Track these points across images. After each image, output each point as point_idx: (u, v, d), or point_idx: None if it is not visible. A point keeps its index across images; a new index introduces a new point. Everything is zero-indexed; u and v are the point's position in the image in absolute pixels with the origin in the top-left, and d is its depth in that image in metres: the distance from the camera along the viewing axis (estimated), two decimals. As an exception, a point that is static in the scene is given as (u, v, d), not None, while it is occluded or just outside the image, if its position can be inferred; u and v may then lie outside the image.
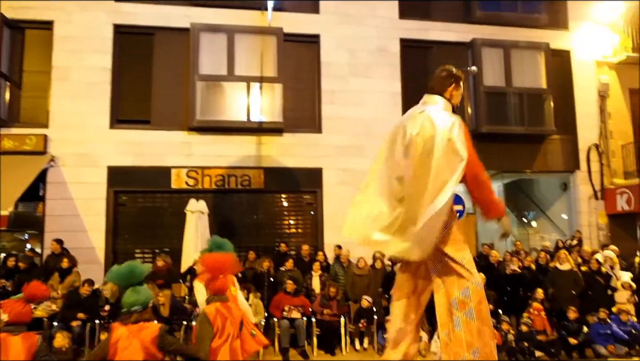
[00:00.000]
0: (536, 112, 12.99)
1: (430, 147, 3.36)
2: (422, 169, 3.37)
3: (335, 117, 12.17)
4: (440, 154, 3.33)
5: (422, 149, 3.41)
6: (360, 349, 9.24)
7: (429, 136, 3.40)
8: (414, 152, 3.45)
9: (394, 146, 3.67)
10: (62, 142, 11.14)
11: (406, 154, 3.50)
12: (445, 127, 3.41)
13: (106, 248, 11.01)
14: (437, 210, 3.29)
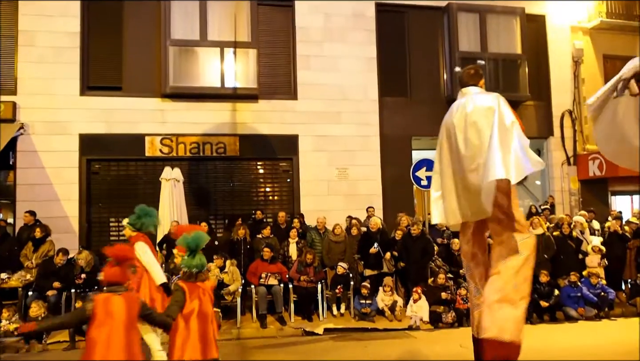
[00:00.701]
0: (511, 78, 13.05)
1: (487, 122, 3.98)
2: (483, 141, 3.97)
3: (311, 83, 12.04)
4: (497, 124, 3.93)
5: (479, 126, 4.02)
6: (338, 314, 9.40)
7: (482, 112, 4.05)
8: (473, 135, 4.06)
9: (450, 141, 4.28)
10: (32, 110, 10.85)
11: (466, 137, 4.09)
12: (492, 102, 4.08)
13: (80, 217, 10.89)
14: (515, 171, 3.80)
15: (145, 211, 6.33)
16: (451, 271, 9.84)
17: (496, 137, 3.85)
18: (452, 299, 9.11)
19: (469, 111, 4.09)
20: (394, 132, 12.45)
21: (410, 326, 8.87)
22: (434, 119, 12.61)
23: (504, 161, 3.75)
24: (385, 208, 11.96)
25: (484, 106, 4.07)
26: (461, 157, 4.12)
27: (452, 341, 7.93)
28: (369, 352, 7.54)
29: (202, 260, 4.46)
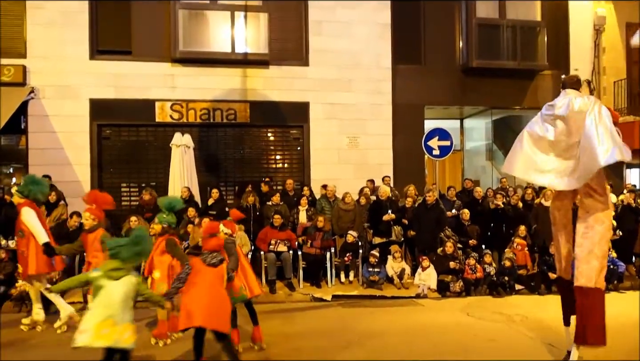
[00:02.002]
0: (529, 46, 12.71)
1: (584, 115, 4.98)
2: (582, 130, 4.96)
3: (323, 49, 11.83)
4: (597, 117, 4.91)
5: (581, 118, 4.99)
6: (346, 282, 9.47)
7: (584, 109, 5.02)
8: (574, 123, 5.06)
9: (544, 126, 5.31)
10: (42, 74, 10.83)
11: (568, 125, 5.11)
12: (590, 102, 5.07)
13: (92, 181, 10.97)
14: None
15: (33, 180, 6.92)
16: (460, 241, 9.81)
17: (596, 129, 4.82)
18: (461, 268, 9.11)
19: (572, 108, 5.07)
20: (407, 101, 12.25)
21: (417, 295, 8.91)
22: (448, 87, 12.68)
23: (607, 147, 4.73)
24: (396, 177, 11.87)
25: (583, 104, 5.07)
26: (562, 142, 5.17)
27: (459, 310, 7.98)
28: (376, 319, 7.61)
29: (173, 218, 6.19)
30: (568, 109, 5.10)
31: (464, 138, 14.94)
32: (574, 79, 5.51)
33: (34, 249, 6.62)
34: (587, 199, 5.22)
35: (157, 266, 6.19)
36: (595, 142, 4.78)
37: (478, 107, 13.61)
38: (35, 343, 6.37)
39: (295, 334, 6.72)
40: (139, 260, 4.73)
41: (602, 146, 4.74)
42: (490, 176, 14.37)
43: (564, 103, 5.19)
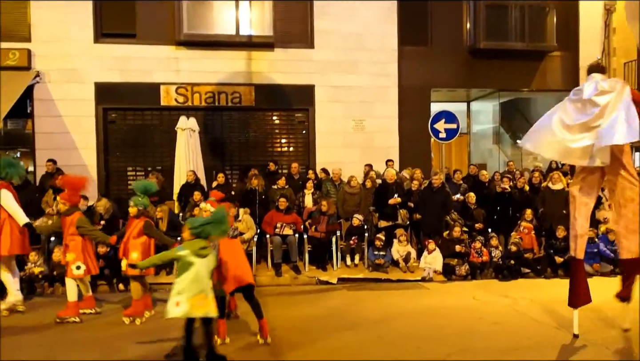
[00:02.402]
0: (537, 27, 12.52)
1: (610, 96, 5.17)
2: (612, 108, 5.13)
3: (328, 31, 11.72)
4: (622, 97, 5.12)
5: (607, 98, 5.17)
6: (351, 265, 9.49)
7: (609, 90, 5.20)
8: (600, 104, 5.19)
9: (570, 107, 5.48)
10: (46, 58, 10.83)
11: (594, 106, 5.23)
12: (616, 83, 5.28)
13: (98, 165, 11.03)
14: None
15: (10, 163, 7.06)
16: (466, 225, 9.78)
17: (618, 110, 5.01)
18: (467, 252, 9.10)
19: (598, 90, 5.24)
20: (413, 83, 12.15)
21: (423, 278, 8.93)
22: (455, 70, 12.55)
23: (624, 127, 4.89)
24: (402, 160, 11.84)
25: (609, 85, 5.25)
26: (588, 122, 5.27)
27: (465, 294, 7.99)
28: (381, 302, 7.64)
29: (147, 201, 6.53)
30: (595, 91, 5.27)
31: (471, 121, 14.82)
32: (599, 64, 5.82)
33: (8, 230, 6.68)
34: (616, 177, 5.41)
35: (134, 247, 6.38)
36: (616, 120, 4.98)
37: (485, 89, 13.48)
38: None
39: (301, 316, 6.77)
40: (224, 236, 5.24)
41: (620, 125, 4.92)
42: (497, 159, 14.29)
43: (590, 86, 5.36)
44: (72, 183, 6.80)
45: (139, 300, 6.49)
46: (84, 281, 6.74)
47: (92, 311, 6.77)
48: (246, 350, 5.44)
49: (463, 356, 5.23)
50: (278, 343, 5.61)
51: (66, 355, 5.32)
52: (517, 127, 15.52)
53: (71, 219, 6.51)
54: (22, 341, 5.77)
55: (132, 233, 6.42)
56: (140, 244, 6.40)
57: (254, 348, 5.48)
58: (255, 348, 5.49)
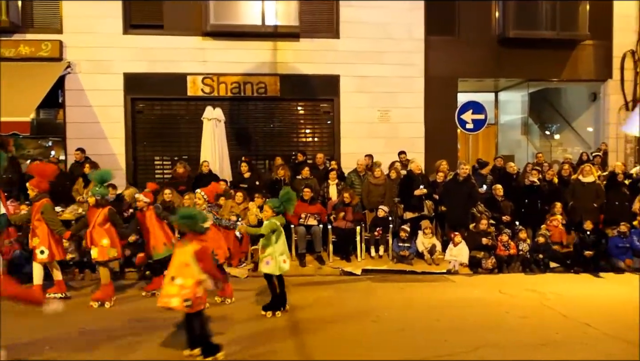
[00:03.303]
0: (569, 15, 12.15)
1: None
2: None
3: (354, 21, 11.62)
4: None
5: None
6: (376, 256, 9.46)
7: None
8: None
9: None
10: (77, 49, 11.03)
11: None
12: None
13: (126, 154, 11.22)
14: None
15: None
16: (493, 217, 9.65)
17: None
18: (493, 245, 8.98)
19: None
20: (439, 74, 11.97)
21: (448, 270, 8.86)
22: (482, 59, 12.33)
23: None
24: (428, 151, 11.73)
25: None
26: None
27: (492, 287, 7.90)
28: (406, 293, 7.61)
29: (105, 190, 6.74)
30: None
31: (499, 112, 14.56)
32: None
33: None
34: None
35: (102, 234, 6.61)
36: None
37: (514, 79, 13.20)
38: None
39: (324, 306, 6.79)
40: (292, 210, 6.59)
41: None
42: (526, 151, 14.02)
43: None
44: (41, 170, 7.11)
45: (108, 285, 6.77)
46: (54, 265, 6.99)
47: (62, 296, 6.96)
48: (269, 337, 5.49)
49: (490, 349, 5.18)
50: (301, 333, 5.65)
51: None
52: (547, 118, 15.22)
53: (39, 205, 6.76)
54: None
55: (98, 221, 6.62)
56: (106, 231, 6.64)
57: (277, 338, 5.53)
58: (278, 338, 5.54)
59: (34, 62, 10.73)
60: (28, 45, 10.84)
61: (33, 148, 13.19)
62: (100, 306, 6.62)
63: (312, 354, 5.08)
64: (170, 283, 4.67)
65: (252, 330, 5.67)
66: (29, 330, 5.54)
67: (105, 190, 6.80)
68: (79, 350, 5.11)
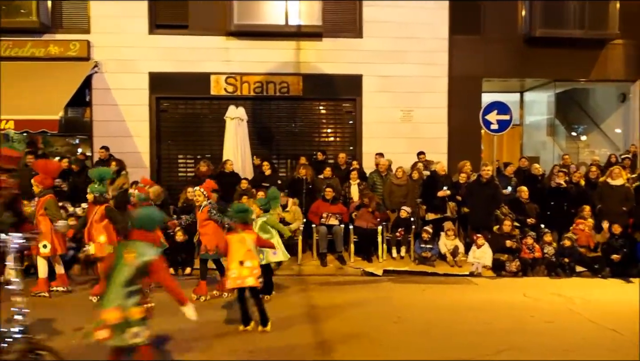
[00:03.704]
0: (599, 13, 11.87)
1: None
2: None
3: (377, 20, 11.54)
4: None
5: None
6: (397, 257, 9.39)
7: None
8: None
9: None
10: (104, 48, 11.22)
11: None
12: None
13: (150, 153, 11.36)
14: None
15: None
16: (518, 219, 9.48)
17: None
18: (518, 248, 8.83)
19: None
20: (464, 73, 11.82)
21: (471, 273, 8.74)
22: (508, 59, 12.15)
23: None
24: (451, 152, 11.59)
25: None
26: None
27: (516, 290, 7.77)
28: (428, 295, 7.54)
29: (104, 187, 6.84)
30: None
31: (524, 112, 14.32)
32: None
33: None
34: None
35: (99, 231, 6.76)
36: None
37: (540, 79, 12.97)
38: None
39: (346, 307, 6.75)
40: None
41: None
42: (551, 152, 13.75)
43: None
44: (45, 167, 7.29)
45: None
46: (57, 259, 7.18)
47: (64, 289, 7.18)
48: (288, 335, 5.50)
49: (514, 354, 5.09)
50: (323, 333, 5.64)
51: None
52: (574, 119, 14.90)
53: (42, 200, 6.94)
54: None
55: (95, 218, 6.75)
56: (104, 228, 6.77)
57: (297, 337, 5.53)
58: (298, 336, 5.54)
59: (63, 62, 10.96)
60: (57, 45, 11.08)
61: (60, 146, 13.47)
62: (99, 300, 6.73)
63: (333, 353, 5.07)
64: (241, 267, 5.43)
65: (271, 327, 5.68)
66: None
67: (104, 187, 6.93)
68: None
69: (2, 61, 10.73)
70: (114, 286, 3.73)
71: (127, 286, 3.72)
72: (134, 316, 3.72)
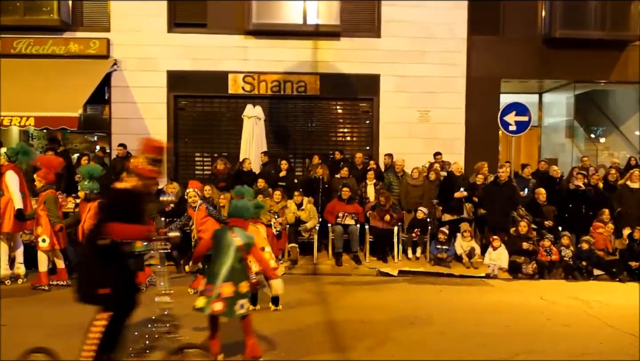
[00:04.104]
0: (620, 15, 11.71)
1: None
2: None
3: (395, 20, 11.52)
4: None
5: None
6: (413, 258, 9.37)
7: None
8: None
9: None
10: (123, 46, 11.35)
11: None
12: None
13: (168, 150, 11.43)
14: None
15: (25, 150, 7.71)
16: (535, 221, 9.40)
17: None
18: (534, 250, 8.76)
19: None
20: (482, 74, 11.74)
21: (487, 275, 8.69)
22: (527, 59, 12.05)
23: None
24: (468, 153, 11.54)
25: None
26: None
27: (532, 293, 7.71)
28: (443, 296, 7.52)
29: (95, 185, 6.89)
30: None
31: (542, 114, 14.17)
32: None
33: (11, 210, 7.26)
34: None
35: None
36: None
37: (559, 80, 12.83)
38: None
39: (361, 307, 6.77)
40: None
41: None
42: (570, 154, 13.58)
43: None
44: (48, 163, 7.42)
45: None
46: (56, 253, 7.33)
47: (64, 283, 7.30)
48: (304, 335, 5.52)
49: (531, 357, 5.06)
50: (337, 332, 5.66)
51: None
52: (593, 121, 14.71)
53: (44, 195, 7.09)
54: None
55: (90, 215, 6.78)
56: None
57: (313, 337, 5.55)
58: (314, 337, 5.56)
59: (83, 60, 11.11)
60: (77, 43, 11.23)
61: (79, 142, 13.68)
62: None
63: (349, 354, 5.08)
64: (263, 252, 5.55)
65: (286, 327, 5.71)
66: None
67: (95, 184, 7.00)
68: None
69: (23, 59, 10.95)
70: (224, 265, 4.31)
71: (238, 263, 4.34)
72: (242, 290, 4.32)
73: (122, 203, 3.74)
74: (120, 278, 3.74)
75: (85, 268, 3.81)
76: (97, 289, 3.59)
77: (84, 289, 3.70)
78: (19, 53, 11.02)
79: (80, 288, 3.72)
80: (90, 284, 3.65)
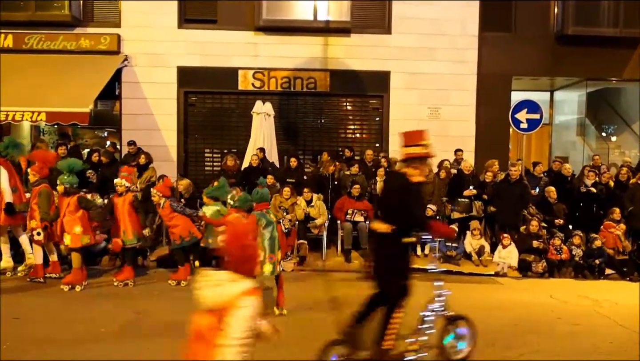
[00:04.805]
0: (634, 11, 11.57)
1: None
2: None
3: (406, 16, 11.46)
4: None
5: None
6: (421, 255, 9.37)
7: None
8: None
9: None
10: (134, 42, 11.38)
11: None
12: None
13: (177, 146, 11.51)
14: None
15: (15, 144, 7.80)
16: (545, 220, 9.34)
17: None
18: (545, 248, 8.71)
19: None
20: (493, 71, 11.66)
21: (496, 273, 8.67)
22: (539, 57, 11.96)
23: None
24: (478, 150, 11.48)
25: None
26: None
27: (542, 291, 7.68)
28: (453, 295, 7.45)
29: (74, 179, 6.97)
30: None
31: (554, 111, 14.07)
32: None
33: (1, 204, 7.37)
34: None
35: (74, 222, 6.93)
36: None
37: (571, 78, 12.71)
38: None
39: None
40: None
41: None
42: (581, 152, 13.49)
43: None
44: (43, 157, 7.50)
45: (79, 269, 7.08)
46: (50, 247, 7.43)
47: (57, 276, 7.43)
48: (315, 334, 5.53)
49: (541, 356, 5.06)
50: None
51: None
52: (605, 119, 14.58)
53: (38, 189, 7.13)
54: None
55: (69, 209, 6.90)
56: (79, 218, 6.96)
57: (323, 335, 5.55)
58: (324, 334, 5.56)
59: (93, 55, 11.15)
60: (88, 38, 11.26)
61: (90, 138, 13.78)
62: (71, 289, 6.96)
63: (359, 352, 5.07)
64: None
65: (296, 326, 5.72)
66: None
67: (74, 178, 7.07)
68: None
69: (35, 54, 11.02)
70: (275, 239, 5.96)
71: (273, 239, 5.95)
72: (279, 257, 6.03)
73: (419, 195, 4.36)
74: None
75: (392, 261, 4.41)
76: (400, 281, 4.35)
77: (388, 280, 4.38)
78: (30, 49, 11.08)
79: (383, 279, 4.40)
80: (395, 276, 4.38)
